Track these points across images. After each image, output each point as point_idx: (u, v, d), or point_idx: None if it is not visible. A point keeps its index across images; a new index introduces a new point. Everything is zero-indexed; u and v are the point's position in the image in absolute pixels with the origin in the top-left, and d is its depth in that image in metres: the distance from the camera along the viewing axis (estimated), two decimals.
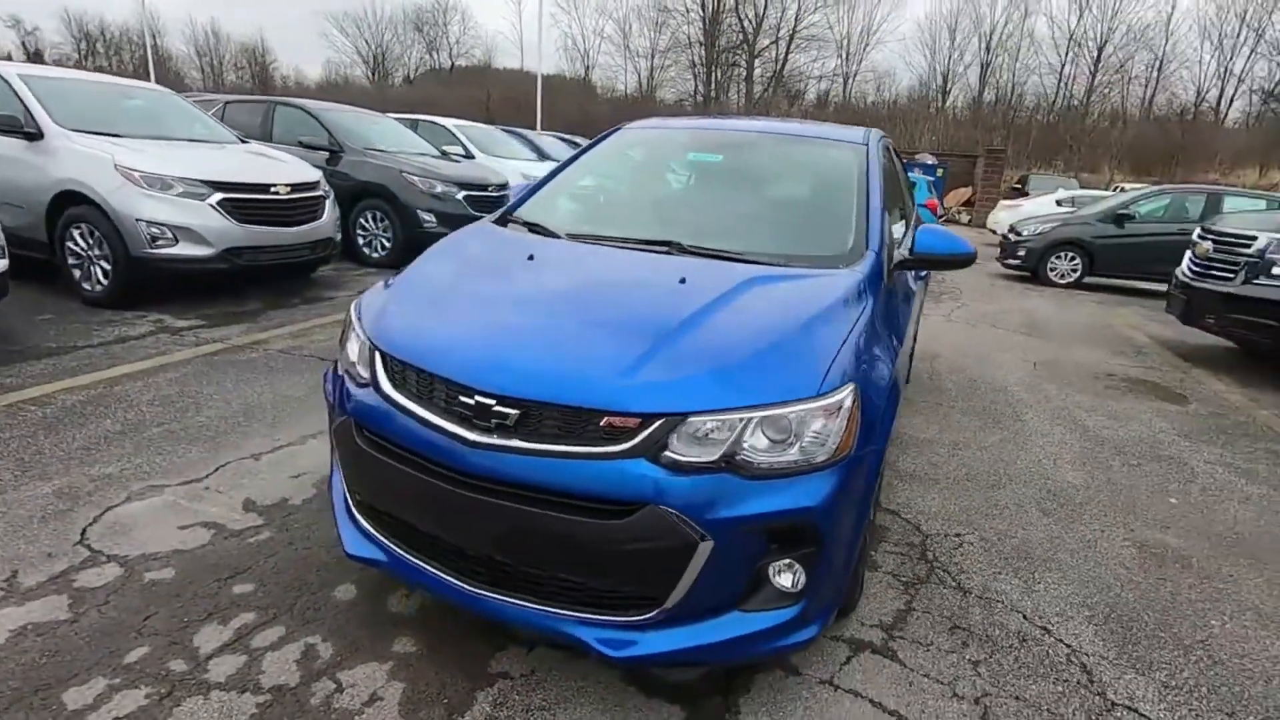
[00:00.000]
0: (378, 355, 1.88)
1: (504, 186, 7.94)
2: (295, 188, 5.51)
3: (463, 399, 1.68)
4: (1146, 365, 5.80)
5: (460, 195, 7.27)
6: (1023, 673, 2.03)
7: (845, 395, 1.68)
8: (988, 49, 41.59)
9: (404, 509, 1.83)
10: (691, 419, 1.58)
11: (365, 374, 1.90)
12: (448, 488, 1.68)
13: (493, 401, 1.64)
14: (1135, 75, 39.33)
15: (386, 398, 1.81)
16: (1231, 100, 38.15)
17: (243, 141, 6.15)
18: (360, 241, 7.32)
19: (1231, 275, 5.27)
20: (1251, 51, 36.72)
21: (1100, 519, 2.98)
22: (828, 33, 44.19)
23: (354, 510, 1.98)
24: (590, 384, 1.64)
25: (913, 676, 1.98)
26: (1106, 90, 39.84)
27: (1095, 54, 39.34)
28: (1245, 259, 5.16)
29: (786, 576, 1.68)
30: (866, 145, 2.86)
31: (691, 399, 1.60)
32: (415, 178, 7.08)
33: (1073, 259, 9.97)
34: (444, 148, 8.77)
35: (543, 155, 10.81)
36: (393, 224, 7.15)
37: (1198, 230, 6.07)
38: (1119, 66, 39.27)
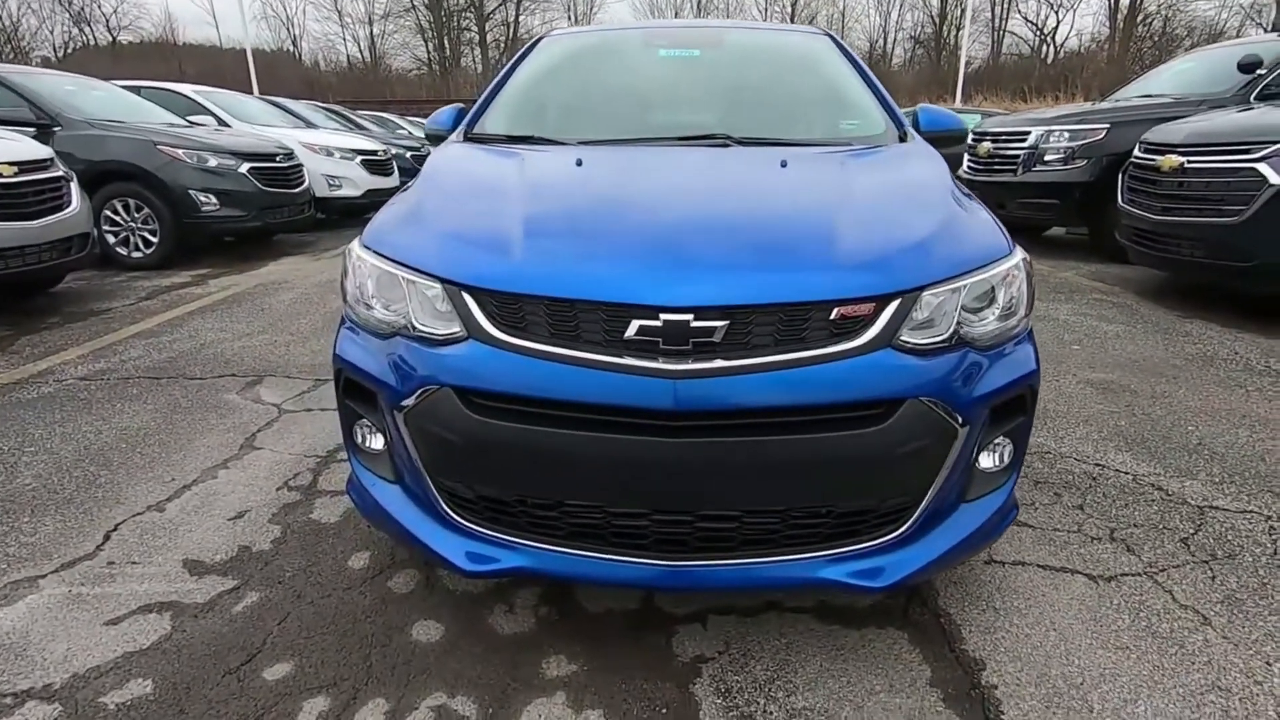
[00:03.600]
0: (467, 296, 1.37)
1: (291, 155, 6.69)
2: (24, 167, 4.06)
3: (641, 323, 1.27)
4: None
5: (244, 169, 5.95)
6: (1120, 504, 2.15)
7: (1021, 253, 1.59)
8: (699, 8, 44.74)
9: (559, 487, 1.37)
10: (924, 294, 1.36)
11: (449, 326, 1.38)
12: (641, 440, 1.28)
13: (689, 317, 1.27)
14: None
15: (506, 346, 1.33)
16: (893, 47, 45.61)
17: None
18: (112, 240, 5.70)
19: (1013, 168, 6.20)
20: (902, 4, 44.11)
21: (1049, 372, 3.32)
22: None
23: (456, 514, 1.46)
24: (808, 274, 1.34)
25: (1048, 534, 2.00)
26: None
27: (790, 11, 44.32)
28: (1023, 151, 6.10)
29: (989, 457, 1.56)
30: (829, 35, 2.77)
31: (916, 273, 1.38)
32: (179, 151, 5.64)
33: None
34: (190, 118, 7.13)
35: (308, 123, 9.31)
36: (157, 212, 5.65)
37: (971, 135, 7.04)
38: (810, 20, 44.77)
